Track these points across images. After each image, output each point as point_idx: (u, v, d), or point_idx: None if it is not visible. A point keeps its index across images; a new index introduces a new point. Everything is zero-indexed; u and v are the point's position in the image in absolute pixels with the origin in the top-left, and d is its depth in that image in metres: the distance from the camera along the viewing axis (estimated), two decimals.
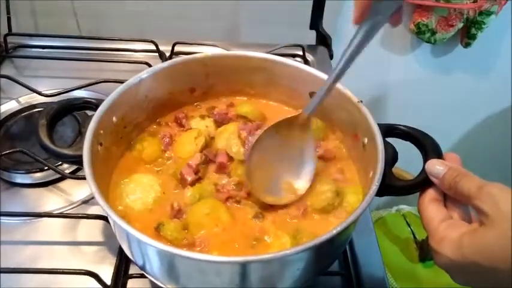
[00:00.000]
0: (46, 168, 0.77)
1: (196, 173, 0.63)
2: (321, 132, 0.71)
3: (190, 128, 0.71)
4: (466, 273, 0.47)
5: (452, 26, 1.21)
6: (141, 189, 0.62)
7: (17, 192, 0.77)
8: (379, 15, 0.54)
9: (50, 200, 0.76)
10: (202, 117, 0.73)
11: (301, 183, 0.63)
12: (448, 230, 0.48)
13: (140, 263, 0.55)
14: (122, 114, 0.65)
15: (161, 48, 1.03)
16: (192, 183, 0.63)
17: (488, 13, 1.18)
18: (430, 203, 0.53)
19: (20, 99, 0.93)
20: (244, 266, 0.48)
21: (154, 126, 0.72)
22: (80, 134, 0.83)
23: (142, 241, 0.48)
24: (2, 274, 0.63)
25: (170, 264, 0.51)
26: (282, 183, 0.63)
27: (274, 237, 0.57)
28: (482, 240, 0.44)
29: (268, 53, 0.74)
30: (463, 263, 0.45)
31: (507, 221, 0.43)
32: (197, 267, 0.50)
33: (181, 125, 0.71)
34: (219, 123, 0.72)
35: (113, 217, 0.50)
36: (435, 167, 0.54)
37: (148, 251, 0.51)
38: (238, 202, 0.62)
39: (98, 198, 0.51)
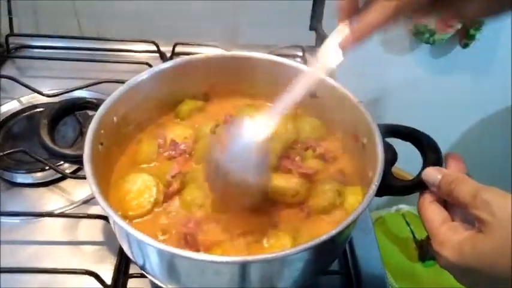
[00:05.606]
0: (47, 168, 0.77)
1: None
2: (320, 132, 0.71)
3: None
4: (468, 276, 0.47)
5: (450, 26, 1.21)
6: (140, 189, 0.62)
7: (18, 192, 0.77)
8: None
9: (51, 199, 0.77)
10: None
11: None
12: (448, 233, 0.48)
13: (140, 262, 0.55)
14: (123, 114, 0.65)
15: (162, 48, 1.04)
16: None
17: None
18: (431, 204, 0.53)
19: (21, 99, 0.93)
20: (244, 266, 0.49)
21: (153, 126, 0.72)
22: (81, 133, 0.83)
23: (143, 241, 0.48)
24: (2, 274, 0.63)
25: (170, 264, 0.52)
26: None
27: (274, 238, 0.57)
28: (482, 247, 0.44)
29: (268, 53, 0.74)
30: (464, 267, 0.46)
31: (505, 229, 0.43)
32: (197, 268, 0.50)
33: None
34: None
35: (113, 217, 0.50)
36: (431, 175, 0.53)
37: (149, 251, 0.51)
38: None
39: (98, 198, 0.51)
